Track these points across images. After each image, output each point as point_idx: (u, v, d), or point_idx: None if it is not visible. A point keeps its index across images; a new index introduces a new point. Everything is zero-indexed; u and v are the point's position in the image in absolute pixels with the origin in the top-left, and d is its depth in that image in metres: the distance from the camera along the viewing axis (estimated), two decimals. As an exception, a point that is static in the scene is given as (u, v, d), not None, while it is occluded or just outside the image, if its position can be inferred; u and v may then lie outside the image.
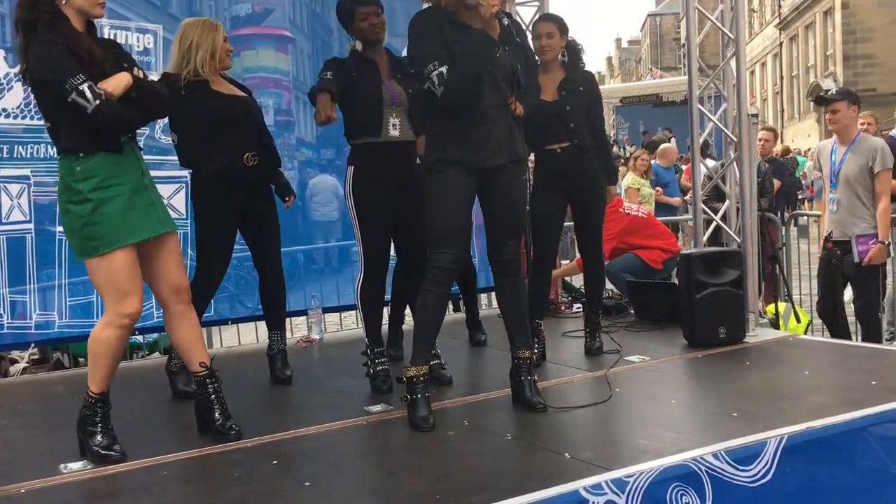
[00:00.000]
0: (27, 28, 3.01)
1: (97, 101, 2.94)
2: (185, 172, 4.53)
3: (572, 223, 4.86)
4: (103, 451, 3.07)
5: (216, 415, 3.27)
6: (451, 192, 3.38)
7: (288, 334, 6.14)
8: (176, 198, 5.07)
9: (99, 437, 3.10)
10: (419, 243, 3.69)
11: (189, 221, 4.74)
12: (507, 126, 3.46)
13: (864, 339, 5.18)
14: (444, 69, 3.26)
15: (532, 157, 4.51)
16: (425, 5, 3.54)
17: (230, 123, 3.92)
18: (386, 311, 4.40)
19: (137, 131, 3.30)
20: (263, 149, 4.09)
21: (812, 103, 24.54)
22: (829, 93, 5.34)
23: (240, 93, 4.08)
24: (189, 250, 4.45)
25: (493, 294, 5.18)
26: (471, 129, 3.37)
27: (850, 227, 5.10)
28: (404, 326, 4.60)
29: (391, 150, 3.88)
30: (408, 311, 4.41)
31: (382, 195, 3.88)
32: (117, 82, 3.03)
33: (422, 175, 3.65)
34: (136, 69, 3.15)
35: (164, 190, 4.59)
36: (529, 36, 4.17)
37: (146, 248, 3.15)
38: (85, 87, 2.93)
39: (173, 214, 4.78)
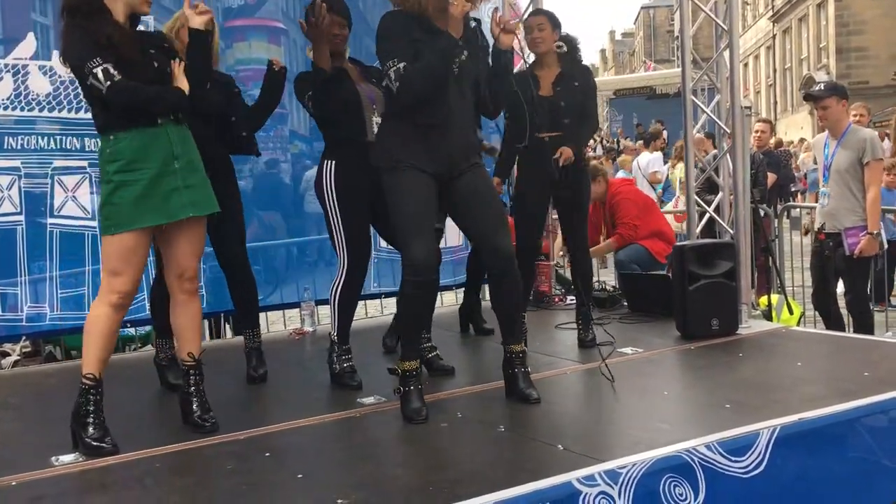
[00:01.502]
0: (70, 13, 3.08)
1: (108, 83, 2.99)
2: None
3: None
4: (95, 443, 3.06)
5: (194, 406, 3.29)
6: (412, 187, 3.35)
7: (281, 326, 6.17)
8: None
9: (91, 429, 3.09)
10: None
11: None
12: (468, 133, 3.49)
13: (856, 331, 5.20)
14: (401, 66, 3.26)
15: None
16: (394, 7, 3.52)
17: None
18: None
19: None
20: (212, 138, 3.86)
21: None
22: (817, 89, 5.35)
23: None
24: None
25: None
26: (431, 134, 3.35)
27: (841, 220, 5.13)
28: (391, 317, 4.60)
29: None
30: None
31: (364, 193, 3.84)
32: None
33: None
34: (174, 62, 3.22)
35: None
36: (521, 34, 4.17)
37: (167, 230, 3.20)
38: (98, 69, 2.99)
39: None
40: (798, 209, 9.26)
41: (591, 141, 19.54)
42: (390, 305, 6.33)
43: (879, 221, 5.16)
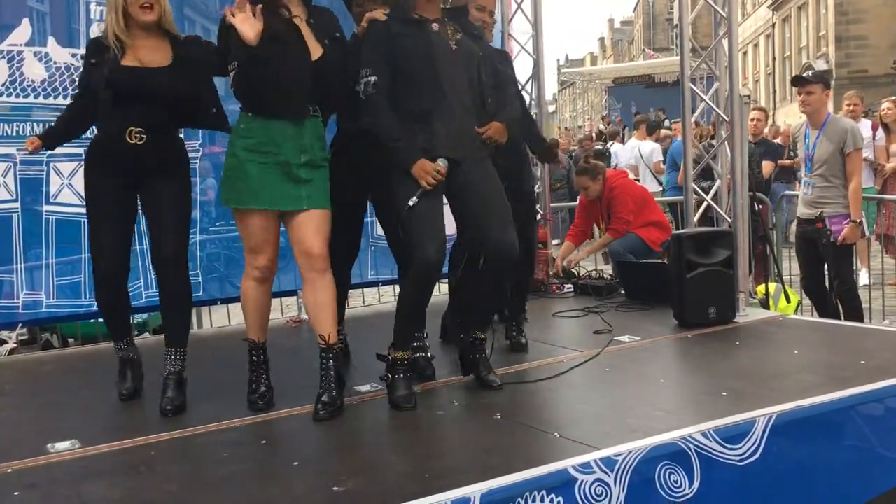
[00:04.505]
0: None
1: (231, 73, 3.29)
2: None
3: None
4: (252, 395, 3.40)
5: (320, 388, 3.32)
6: (414, 181, 3.30)
7: (278, 314, 6.16)
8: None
9: (253, 385, 3.43)
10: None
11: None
12: (472, 119, 3.44)
13: (845, 315, 5.23)
14: (372, 80, 3.32)
15: None
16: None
17: (128, 96, 3.45)
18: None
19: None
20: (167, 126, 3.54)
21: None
22: (806, 75, 5.48)
23: (160, 63, 3.47)
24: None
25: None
26: (429, 119, 3.33)
27: (825, 209, 5.27)
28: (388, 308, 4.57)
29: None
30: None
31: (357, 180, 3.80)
32: None
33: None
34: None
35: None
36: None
37: (288, 217, 3.33)
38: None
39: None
40: (796, 198, 9.24)
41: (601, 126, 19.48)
42: (387, 294, 6.34)
43: (861, 210, 5.31)
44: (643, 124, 12.03)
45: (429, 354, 3.94)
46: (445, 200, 3.52)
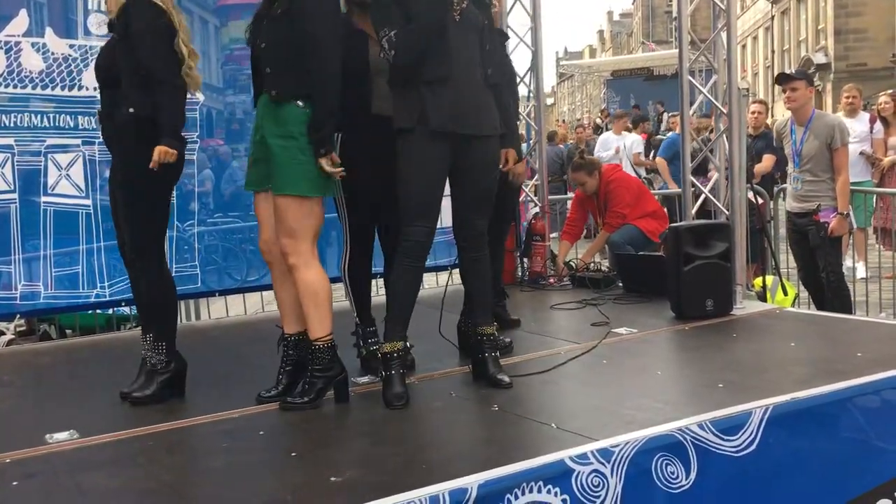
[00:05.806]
0: None
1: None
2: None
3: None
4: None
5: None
6: (421, 161, 3.31)
7: (276, 306, 6.15)
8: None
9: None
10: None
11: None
12: (479, 90, 3.39)
13: (835, 308, 5.26)
14: (392, 33, 3.25)
15: None
16: None
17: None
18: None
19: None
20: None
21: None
22: (790, 71, 5.55)
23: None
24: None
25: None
26: (440, 88, 3.28)
27: (813, 203, 5.35)
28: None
29: (381, 122, 3.59)
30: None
31: (367, 166, 3.64)
32: None
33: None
34: None
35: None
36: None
37: None
38: None
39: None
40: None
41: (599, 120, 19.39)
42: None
43: (848, 203, 5.41)
44: (621, 119, 11.91)
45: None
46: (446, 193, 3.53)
